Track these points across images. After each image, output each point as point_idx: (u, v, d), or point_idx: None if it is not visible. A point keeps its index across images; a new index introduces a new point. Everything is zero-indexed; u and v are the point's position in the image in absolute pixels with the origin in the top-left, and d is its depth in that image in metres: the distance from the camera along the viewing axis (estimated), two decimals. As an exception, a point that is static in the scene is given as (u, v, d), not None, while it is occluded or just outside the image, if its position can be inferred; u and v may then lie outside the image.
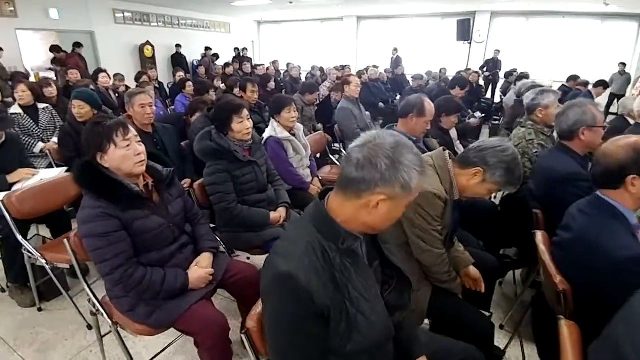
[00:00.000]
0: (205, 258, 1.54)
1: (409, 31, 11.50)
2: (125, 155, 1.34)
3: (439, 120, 2.67)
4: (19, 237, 1.90)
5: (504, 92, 6.91)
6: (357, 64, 11.21)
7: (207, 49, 10.21)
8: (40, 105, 3.40)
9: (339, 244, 0.85)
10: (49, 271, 1.95)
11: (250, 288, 1.64)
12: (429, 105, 2.05)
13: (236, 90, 4.24)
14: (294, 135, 2.57)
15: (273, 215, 2.00)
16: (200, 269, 1.49)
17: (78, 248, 1.45)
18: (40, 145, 3.13)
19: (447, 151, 1.50)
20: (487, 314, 1.69)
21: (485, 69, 9.47)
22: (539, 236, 1.55)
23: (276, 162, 2.34)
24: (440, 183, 1.43)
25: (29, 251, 1.93)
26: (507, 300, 2.22)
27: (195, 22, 10.90)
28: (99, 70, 4.71)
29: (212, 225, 1.83)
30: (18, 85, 3.27)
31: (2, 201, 1.86)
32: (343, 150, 3.72)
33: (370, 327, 0.86)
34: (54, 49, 6.87)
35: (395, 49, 10.67)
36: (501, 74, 9.14)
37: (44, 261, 1.90)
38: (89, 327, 1.98)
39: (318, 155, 3.38)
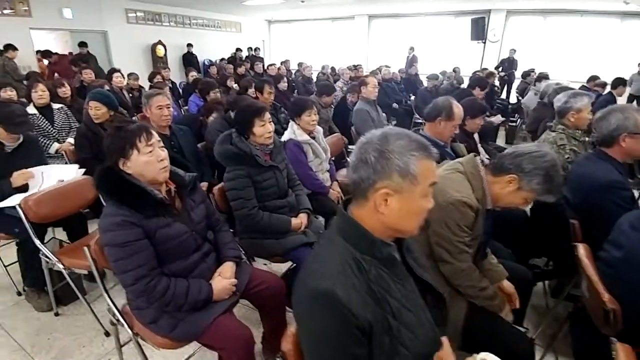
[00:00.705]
0: (228, 268, 1.48)
1: (421, 30, 11.33)
2: (148, 161, 1.29)
3: (463, 124, 2.57)
4: (37, 242, 1.87)
5: (522, 93, 6.76)
6: (368, 63, 11.11)
7: (238, 49, 10.33)
8: (55, 106, 3.39)
9: (375, 253, 0.82)
10: (67, 276, 1.92)
11: (274, 298, 1.59)
12: (458, 109, 1.96)
13: (250, 91, 4.20)
14: (313, 138, 2.50)
15: (294, 221, 1.94)
16: (224, 280, 1.43)
17: (98, 256, 1.40)
18: (56, 145, 3.11)
19: (479, 157, 1.42)
20: (522, 329, 1.61)
21: (500, 69, 9.28)
22: (581, 249, 1.46)
23: (295, 166, 2.27)
24: (472, 191, 1.35)
25: (46, 256, 1.89)
26: (537, 312, 2.13)
27: (206, 21, 10.90)
28: (113, 70, 4.70)
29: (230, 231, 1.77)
30: (37, 85, 3.26)
31: (19, 205, 1.83)
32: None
33: (416, 339, 0.81)
34: (45, 54, 6.87)
35: (412, 48, 10.54)
36: (517, 74, 8.95)
37: (61, 266, 1.86)
38: (107, 334, 1.94)
39: (333, 158, 3.30)
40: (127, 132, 1.27)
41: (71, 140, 3.28)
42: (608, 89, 5.71)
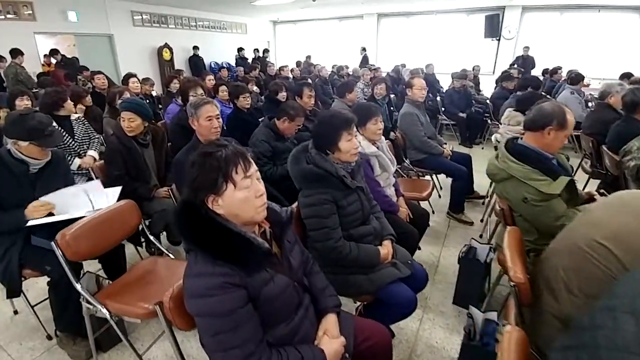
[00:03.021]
0: (333, 323, 1.18)
1: (432, 28, 11.06)
2: (247, 198, 0.98)
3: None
4: (78, 287, 1.54)
5: (549, 92, 6.46)
6: (377, 62, 10.81)
7: (240, 49, 10.19)
8: (73, 116, 3.07)
9: None
10: (111, 322, 1.60)
11: (383, 355, 1.29)
12: (571, 116, 1.66)
13: (281, 95, 3.90)
14: (377, 149, 2.20)
15: (382, 251, 1.63)
16: (333, 340, 1.12)
17: (175, 316, 1.08)
18: (77, 161, 2.79)
19: None
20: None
21: (515, 66, 9.00)
22: None
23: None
24: None
25: (88, 301, 1.57)
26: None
27: (212, 23, 10.60)
28: (129, 75, 4.37)
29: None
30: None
31: (55, 242, 1.51)
32: (405, 160, 3.33)
33: None
34: (53, 52, 6.56)
35: (364, 48, 10.56)
36: (534, 72, 8.66)
37: (107, 313, 1.54)
38: (161, 390, 1.63)
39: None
40: (220, 160, 0.95)
41: (93, 153, 2.97)
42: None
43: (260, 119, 3.91)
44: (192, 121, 1.98)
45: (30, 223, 1.69)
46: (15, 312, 2.14)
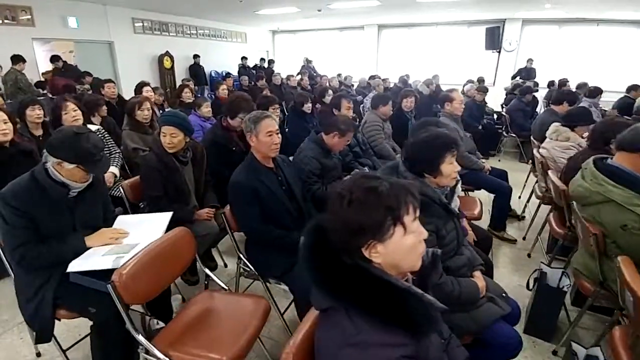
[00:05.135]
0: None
1: (433, 40, 11.14)
2: (414, 246, 0.80)
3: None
4: (141, 339, 1.30)
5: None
6: (378, 73, 10.78)
7: (243, 58, 10.13)
8: (92, 128, 2.83)
9: None
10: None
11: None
12: (671, 138, 1.54)
13: (306, 106, 3.74)
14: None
15: (479, 284, 1.46)
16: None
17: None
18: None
19: None
20: None
21: (517, 78, 9.09)
22: None
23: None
24: None
25: (147, 351, 1.34)
26: None
27: (212, 31, 10.42)
28: (143, 84, 4.12)
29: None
30: (66, 103, 2.71)
31: (111, 284, 1.27)
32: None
33: None
34: (39, 85, 6.02)
35: (309, 60, 10.89)
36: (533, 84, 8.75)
37: (170, 363, 1.31)
38: None
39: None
40: (389, 198, 0.76)
41: (114, 169, 2.74)
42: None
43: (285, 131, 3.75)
44: (249, 137, 1.78)
45: (70, 269, 1.45)
46: (38, 355, 1.87)
